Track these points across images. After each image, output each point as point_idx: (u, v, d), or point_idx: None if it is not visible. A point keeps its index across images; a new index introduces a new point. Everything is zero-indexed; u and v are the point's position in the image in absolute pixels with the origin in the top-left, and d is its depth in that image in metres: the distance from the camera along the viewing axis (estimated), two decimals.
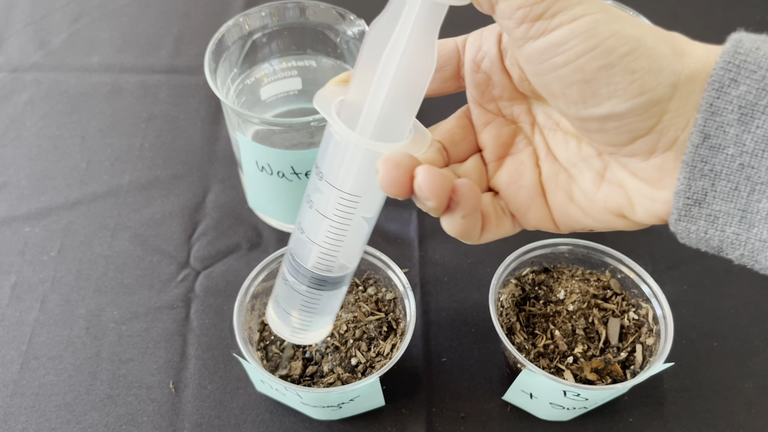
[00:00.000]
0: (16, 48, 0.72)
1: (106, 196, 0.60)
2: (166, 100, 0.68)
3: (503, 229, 0.31)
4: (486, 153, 0.32)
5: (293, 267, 0.34)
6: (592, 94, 0.25)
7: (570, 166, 0.30)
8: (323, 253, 0.32)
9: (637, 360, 0.45)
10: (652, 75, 0.24)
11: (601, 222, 0.29)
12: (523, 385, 0.43)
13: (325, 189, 0.30)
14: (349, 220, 0.31)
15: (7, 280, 0.54)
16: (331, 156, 0.29)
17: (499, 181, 0.31)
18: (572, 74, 0.24)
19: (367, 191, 0.30)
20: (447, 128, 0.31)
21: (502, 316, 0.46)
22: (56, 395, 0.48)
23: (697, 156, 0.24)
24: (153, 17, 0.76)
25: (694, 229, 0.26)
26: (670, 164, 0.26)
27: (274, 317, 0.37)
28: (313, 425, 0.47)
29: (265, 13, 0.51)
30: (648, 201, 0.27)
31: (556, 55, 0.24)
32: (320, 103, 0.29)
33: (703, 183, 0.25)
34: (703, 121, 0.24)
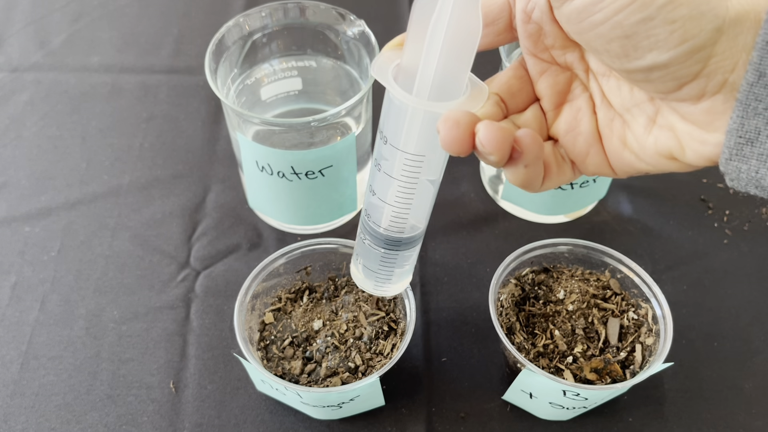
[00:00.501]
0: (16, 48, 0.72)
1: (106, 196, 0.60)
2: (167, 100, 0.68)
3: (564, 176, 0.32)
4: (544, 102, 0.32)
5: (369, 231, 0.37)
6: (634, 48, 0.25)
7: (624, 111, 0.30)
8: (395, 215, 0.34)
9: (637, 360, 0.45)
10: (694, 22, 0.24)
11: (654, 165, 0.30)
12: (522, 385, 0.43)
13: (390, 153, 0.32)
14: (415, 181, 0.32)
15: (7, 280, 0.54)
16: (394, 120, 0.30)
17: (558, 129, 0.32)
18: (611, 30, 0.25)
19: (430, 151, 0.31)
20: (504, 80, 0.31)
21: (502, 316, 0.46)
22: (56, 395, 0.48)
23: (751, 94, 0.24)
24: (153, 17, 0.76)
25: (745, 169, 0.25)
26: (719, 107, 0.26)
27: (357, 273, 0.40)
28: (313, 425, 0.47)
29: (265, 13, 0.51)
30: (698, 143, 0.27)
31: (594, 14, 0.25)
32: (377, 70, 0.30)
33: (757, 122, 0.24)
34: (759, 58, 0.24)
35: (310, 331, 0.47)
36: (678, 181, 0.61)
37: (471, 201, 0.60)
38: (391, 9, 0.73)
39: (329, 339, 0.46)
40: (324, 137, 0.50)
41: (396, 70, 0.30)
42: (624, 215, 0.59)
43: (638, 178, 0.61)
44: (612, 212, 0.59)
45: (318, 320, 0.47)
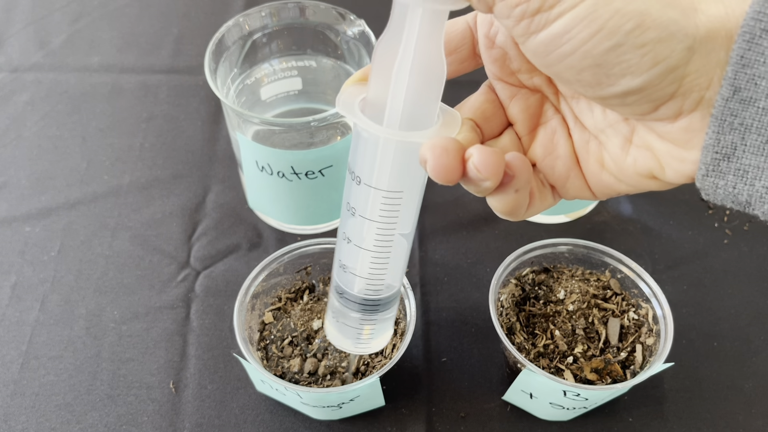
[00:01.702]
0: (16, 48, 0.72)
1: (106, 196, 0.60)
2: (167, 100, 0.68)
3: (546, 202, 0.31)
4: (517, 126, 0.31)
5: (342, 293, 0.35)
6: (606, 76, 0.24)
7: (598, 132, 0.30)
8: (371, 273, 0.33)
9: (637, 360, 0.45)
10: (664, 44, 0.23)
11: (634, 186, 0.29)
12: (523, 385, 0.43)
13: (364, 194, 0.30)
14: (394, 223, 0.31)
15: (7, 280, 0.54)
16: (367, 158, 0.29)
17: (535, 153, 0.31)
18: (581, 61, 0.24)
19: (407, 186, 0.30)
20: (476, 105, 0.31)
21: (502, 316, 0.46)
22: (56, 395, 0.48)
23: (726, 110, 0.24)
24: (153, 17, 0.76)
25: (722, 184, 0.25)
26: (697, 124, 0.25)
27: (334, 332, 0.37)
28: (313, 425, 0.47)
29: (265, 13, 0.51)
30: (677, 162, 0.27)
31: (561, 45, 0.24)
32: (342, 105, 0.28)
33: (733, 137, 0.24)
34: (734, 74, 0.23)
35: (309, 331, 0.47)
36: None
37: (471, 201, 0.60)
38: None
39: None
40: (324, 137, 0.50)
41: (362, 104, 0.29)
42: (624, 215, 0.59)
43: None
44: (612, 212, 0.59)
45: (318, 320, 0.47)
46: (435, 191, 0.60)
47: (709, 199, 0.26)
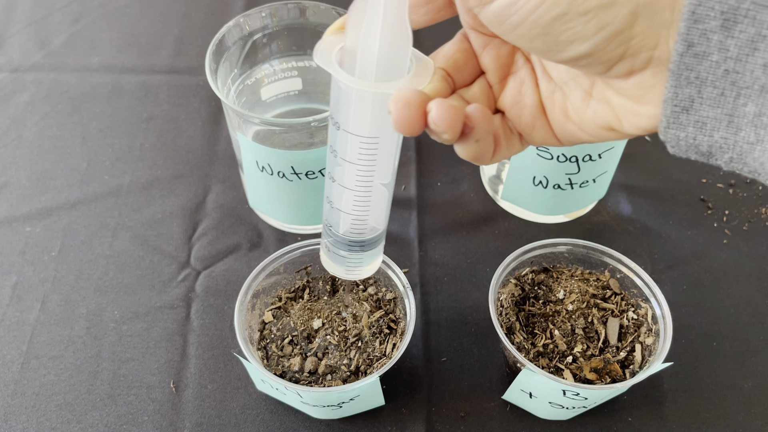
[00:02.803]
0: (16, 48, 0.72)
1: (106, 196, 0.60)
2: (167, 100, 0.68)
3: (513, 148, 0.32)
4: (489, 75, 0.32)
5: (331, 234, 0.37)
6: (555, 43, 0.26)
7: (562, 84, 0.31)
8: (355, 218, 0.34)
9: (637, 359, 0.45)
10: (606, 10, 0.24)
11: (595, 136, 0.31)
12: (522, 385, 0.43)
13: (343, 139, 0.31)
14: (373, 166, 0.32)
15: (7, 280, 0.54)
16: (344, 105, 0.30)
17: (504, 102, 0.32)
18: (530, 30, 0.26)
19: (383, 132, 0.31)
20: (449, 54, 0.32)
21: (502, 315, 0.46)
22: (57, 395, 0.48)
23: (682, 64, 0.25)
24: (153, 18, 0.76)
25: (683, 136, 0.26)
26: (648, 81, 0.27)
27: (326, 259, 0.39)
28: (313, 424, 0.47)
29: (265, 13, 0.52)
30: (632, 116, 0.28)
31: (511, 16, 0.26)
32: (320, 55, 0.29)
33: (690, 90, 0.25)
34: (686, 29, 0.24)
35: (310, 330, 0.47)
36: (678, 181, 0.61)
37: (471, 201, 0.60)
38: None
39: (329, 338, 0.46)
40: (324, 137, 0.50)
41: (340, 54, 0.29)
42: (624, 215, 0.59)
43: (638, 179, 0.61)
44: (612, 212, 0.59)
45: (318, 319, 0.47)
46: (435, 191, 0.60)
47: (674, 151, 0.27)
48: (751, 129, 0.25)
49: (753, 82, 0.24)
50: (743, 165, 0.26)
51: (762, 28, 0.23)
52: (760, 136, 0.25)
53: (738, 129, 0.25)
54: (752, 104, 0.25)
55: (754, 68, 0.24)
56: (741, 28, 0.24)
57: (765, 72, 0.24)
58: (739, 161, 0.26)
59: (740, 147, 0.26)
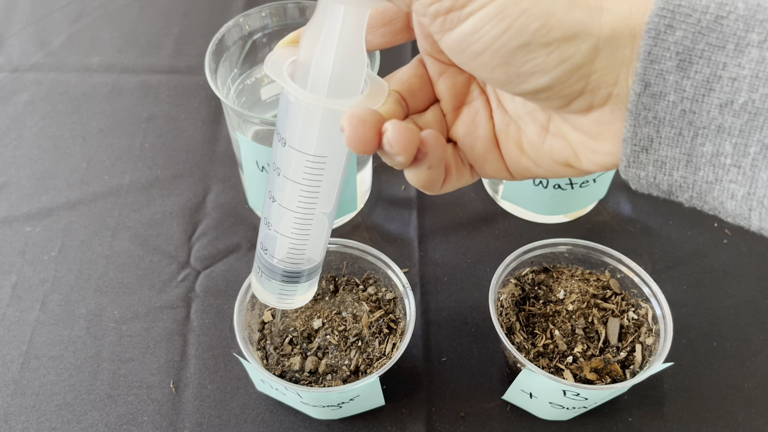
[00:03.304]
0: (16, 48, 0.72)
1: (106, 196, 0.60)
2: (167, 100, 0.68)
3: (463, 179, 0.32)
4: (443, 103, 0.32)
5: (265, 264, 0.36)
6: (516, 74, 0.25)
7: (517, 118, 0.31)
8: (293, 245, 0.33)
9: (637, 360, 0.45)
10: (568, 43, 0.24)
11: (551, 171, 0.30)
12: (522, 385, 0.43)
13: (287, 156, 0.30)
14: (317, 190, 0.31)
15: (7, 280, 0.54)
16: (292, 120, 0.29)
17: (457, 131, 0.32)
18: (492, 59, 0.25)
19: (331, 152, 0.30)
20: (404, 78, 0.31)
21: (502, 315, 0.46)
22: (57, 395, 0.48)
23: (639, 104, 0.25)
24: (153, 17, 0.76)
25: (643, 175, 0.26)
26: (607, 118, 0.26)
27: (257, 286, 0.38)
28: (313, 425, 0.47)
29: (265, 13, 0.52)
30: (590, 152, 0.28)
31: (473, 44, 0.25)
32: (271, 66, 0.29)
33: (648, 130, 0.25)
34: (643, 69, 0.24)
35: (309, 330, 0.47)
36: None
37: (471, 201, 0.60)
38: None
39: (329, 338, 0.46)
40: None
41: (292, 66, 0.29)
42: (624, 215, 0.59)
43: None
44: (612, 212, 0.59)
45: (318, 319, 0.47)
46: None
47: (636, 188, 0.27)
48: (710, 168, 0.25)
49: (710, 122, 0.24)
50: (703, 203, 0.26)
51: (717, 68, 0.23)
52: (719, 176, 0.25)
53: (696, 168, 0.25)
54: (710, 144, 0.25)
55: (710, 108, 0.24)
56: (696, 69, 0.24)
57: (721, 112, 0.24)
58: (699, 200, 0.26)
59: (699, 186, 0.26)
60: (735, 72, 0.23)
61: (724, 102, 0.24)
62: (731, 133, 0.24)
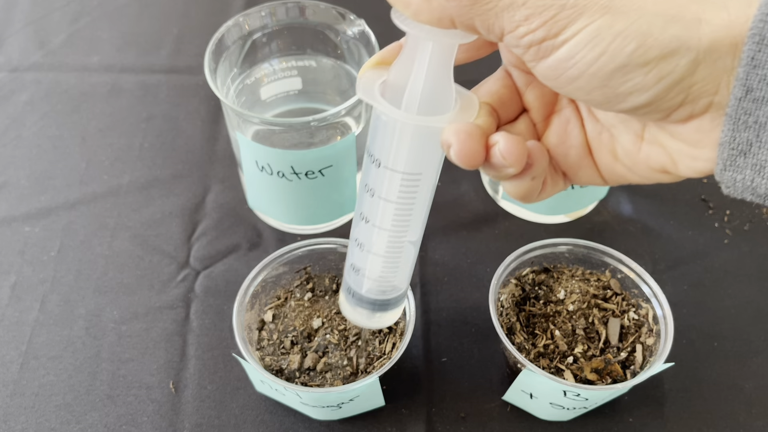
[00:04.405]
0: (16, 48, 0.72)
1: (105, 196, 0.60)
2: (166, 100, 0.68)
3: (557, 187, 0.32)
4: (533, 113, 0.32)
5: (352, 291, 0.36)
6: (614, 95, 0.25)
7: (610, 126, 0.30)
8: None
9: (637, 360, 0.45)
10: (666, 61, 0.24)
11: (646, 177, 0.30)
12: (523, 385, 0.43)
13: (382, 176, 0.30)
14: (412, 204, 0.31)
15: (6, 280, 0.54)
16: (387, 141, 0.29)
17: (549, 141, 0.32)
18: (589, 83, 0.25)
19: (425, 168, 0.30)
20: (493, 89, 0.31)
21: (502, 316, 0.46)
22: (56, 395, 0.48)
23: (740, 109, 0.25)
24: (153, 17, 0.76)
25: (740, 179, 0.26)
26: (707, 125, 0.26)
27: (347, 308, 0.38)
28: (313, 425, 0.47)
29: (265, 13, 0.51)
30: (689, 159, 0.28)
31: (568, 69, 0.25)
32: (362, 90, 0.29)
33: (748, 134, 0.25)
34: (745, 74, 0.24)
35: (310, 330, 0.47)
36: (678, 181, 0.61)
37: (471, 201, 0.60)
38: (390, 9, 0.73)
39: (329, 337, 0.46)
40: (324, 137, 0.50)
41: (383, 87, 0.29)
42: (624, 215, 0.59)
43: None
44: (612, 212, 0.59)
45: (317, 318, 0.47)
46: (435, 191, 0.60)
47: (728, 192, 0.27)
48: None
49: None
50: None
51: None
52: None
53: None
54: None
55: None
56: None
57: None
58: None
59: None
60: None
61: None
62: None
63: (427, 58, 0.27)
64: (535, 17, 0.24)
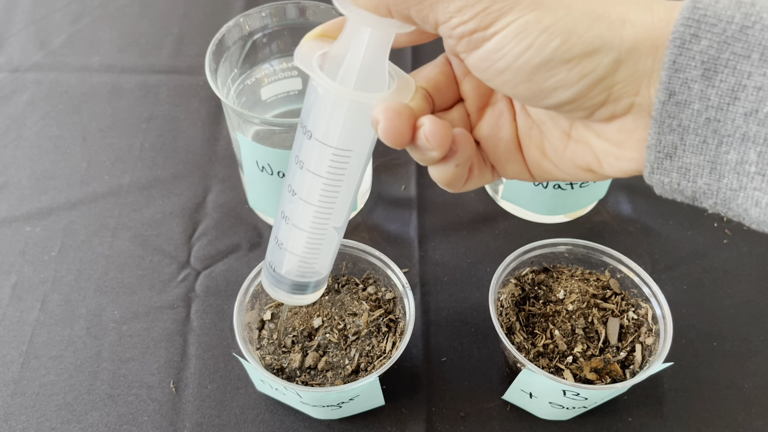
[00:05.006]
0: (16, 48, 0.72)
1: (106, 196, 0.60)
2: (167, 100, 0.68)
3: (484, 178, 0.32)
4: (467, 103, 0.32)
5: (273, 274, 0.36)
6: (539, 90, 0.26)
7: (540, 123, 0.31)
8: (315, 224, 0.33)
9: (637, 360, 0.45)
10: (589, 58, 0.25)
11: (572, 175, 0.31)
12: (522, 385, 0.43)
13: (312, 147, 0.30)
14: (339, 182, 0.31)
15: (7, 280, 0.54)
16: (319, 112, 0.30)
17: (480, 132, 0.32)
18: (515, 76, 0.26)
19: (357, 145, 0.30)
20: (431, 75, 0.31)
21: (502, 315, 0.46)
22: (57, 395, 0.48)
23: (664, 112, 0.25)
24: (154, 17, 0.76)
25: (667, 181, 0.27)
26: (629, 126, 0.27)
27: (268, 284, 0.38)
28: (313, 424, 0.47)
29: (265, 13, 0.52)
30: (613, 159, 0.28)
31: (496, 62, 0.26)
32: (301, 58, 0.29)
33: (673, 137, 0.26)
34: (668, 78, 0.24)
35: (310, 329, 0.47)
36: None
37: (471, 201, 0.60)
38: None
39: (329, 336, 0.46)
40: None
41: (322, 58, 0.29)
42: (624, 215, 0.59)
43: (638, 178, 0.61)
44: (612, 212, 0.59)
45: (317, 318, 0.47)
46: (435, 191, 0.60)
47: (660, 193, 0.27)
48: (734, 176, 0.25)
49: (734, 130, 0.24)
50: (727, 210, 0.26)
51: (742, 77, 0.24)
52: (743, 183, 0.25)
53: (721, 176, 0.25)
54: (734, 152, 0.25)
55: (735, 117, 0.24)
56: (721, 78, 0.24)
57: (746, 121, 0.24)
58: (724, 206, 0.26)
59: (723, 193, 0.26)
60: (760, 81, 0.23)
61: (749, 111, 0.24)
62: (756, 142, 0.24)
63: (364, 42, 0.28)
64: (467, 9, 0.25)
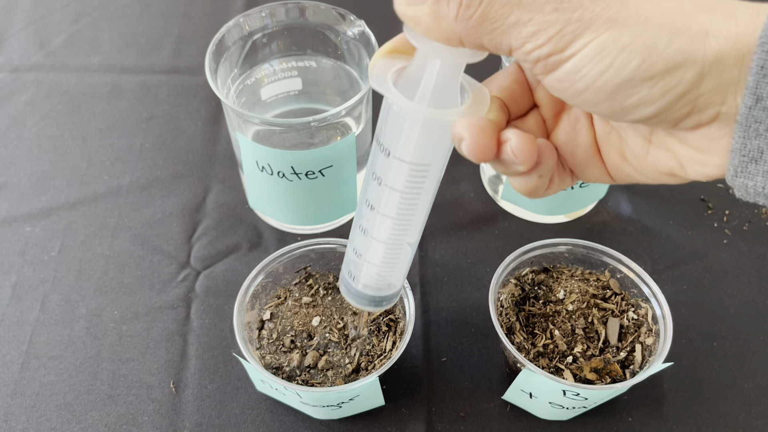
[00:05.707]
0: (16, 48, 0.72)
1: (106, 196, 0.60)
2: (167, 100, 0.68)
3: (565, 183, 0.32)
4: (543, 109, 0.32)
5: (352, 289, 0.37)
6: (621, 108, 0.26)
7: (619, 128, 0.30)
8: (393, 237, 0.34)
9: (637, 360, 0.45)
10: (671, 74, 0.24)
11: (653, 179, 0.30)
12: (522, 385, 0.43)
13: (390, 165, 0.30)
14: (419, 192, 0.31)
15: (7, 280, 0.54)
16: (397, 130, 0.29)
17: (558, 138, 0.32)
18: (595, 95, 0.25)
19: (434, 160, 0.30)
20: (504, 84, 0.31)
21: (502, 315, 0.46)
22: (57, 395, 0.48)
23: (750, 117, 0.25)
24: (153, 17, 0.76)
25: (751, 185, 0.26)
26: (715, 134, 0.26)
27: (347, 295, 0.38)
28: (313, 425, 0.47)
29: (265, 13, 0.52)
30: (697, 164, 0.28)
31: (575, 82, 0.25)
32: (376, 80, 0.29)
33: (759, 142, 0.25)
34: (755, 83, 0.24)
35: (310, 329, 0.47)
36: None
37: (471, 201, 0.60)
38: (390, 9, 0.73)
39: (328, 335, 0.46)
40: (324, 137, 0.50)
41: (396, 75, 0.29)
42: (624, 215, 0.59)
43: None
44: (612, 212, 0.59)
45: (317, 317, 0.47)
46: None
47: (741, 196, 0.27)
48: None
49: None
50: None
51: None
52: None
53: None
54: None
55: None
56: None
57: None
58: None
59: None
60: None
61: None
62: None
63: (437, 68, 0.28)
64: (541, 33, 0.25)
